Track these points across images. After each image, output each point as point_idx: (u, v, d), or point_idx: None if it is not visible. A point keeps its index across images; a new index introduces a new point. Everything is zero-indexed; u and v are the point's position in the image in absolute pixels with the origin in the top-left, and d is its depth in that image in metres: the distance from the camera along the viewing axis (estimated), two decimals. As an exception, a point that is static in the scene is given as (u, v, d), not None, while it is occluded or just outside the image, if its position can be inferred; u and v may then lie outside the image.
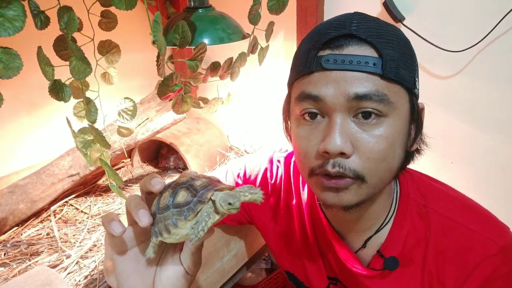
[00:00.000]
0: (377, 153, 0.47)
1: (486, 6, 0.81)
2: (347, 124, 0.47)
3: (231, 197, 0.41)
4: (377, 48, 0.46)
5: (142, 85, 1.39)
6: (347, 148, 0.46)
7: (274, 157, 0.74)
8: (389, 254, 0.57)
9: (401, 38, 0.50)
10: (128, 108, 0.73)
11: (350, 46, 0.47)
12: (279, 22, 0.86)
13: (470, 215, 0.56)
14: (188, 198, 0.42)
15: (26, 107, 1.11)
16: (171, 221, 0.41)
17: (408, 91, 0.49)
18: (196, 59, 0.73)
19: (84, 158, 0.70)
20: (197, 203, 0.42)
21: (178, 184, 0.44)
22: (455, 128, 0.92)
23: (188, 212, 0.41)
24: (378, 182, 0.49)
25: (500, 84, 0.84)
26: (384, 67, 0.46)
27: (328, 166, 0.48)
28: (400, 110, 0.48)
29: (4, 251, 0.90)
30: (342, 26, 0.48)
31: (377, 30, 0.48)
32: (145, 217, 0.41)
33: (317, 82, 0.48)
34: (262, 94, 1.31)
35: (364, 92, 0.45)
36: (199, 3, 0.81)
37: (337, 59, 0.46)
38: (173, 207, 0.42)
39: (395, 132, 0.48)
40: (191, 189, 0.43)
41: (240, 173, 0.74)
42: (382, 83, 0.46)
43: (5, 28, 0.46)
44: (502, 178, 0.90)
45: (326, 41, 0.48)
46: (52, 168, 1.04)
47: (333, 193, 0.49)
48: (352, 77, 0.46)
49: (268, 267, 1.41)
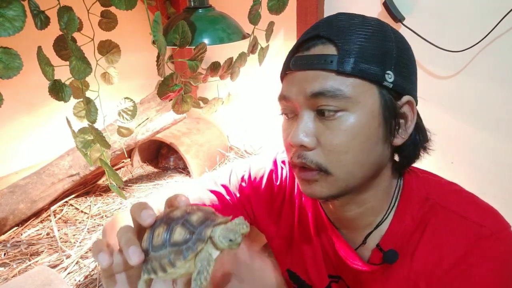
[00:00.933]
0: (336, 146, 0.49)
1: (486, 6, 0.81)
2: (311, 120, 0.51)
3: (231, 233, 0.39)
4: (337, 45, 0.49)
5: (142, 85, 1.39)
6: (306, 141, 0.50)
7: (278, 158, 0.74)
8: (388, 247, 0.57)
9: (375, 33, 0.50)
10: (128, 108, 0.73)
11: (316, 47, 0.50)
12: (279, 22, 0.86)
13: (471, 207, 0.55)
14: (186, 236, 0.39)
15: (26, 107, 1.11)
16: (168, 260, 0.39)
17: (376, 84, 0.50)
18: (196, 59, 0.73)
19: (84, 158, 0.70)
20: (197, 242, 0.39)
21: (173, 219, 0.41)
22: (455, 128, 0.92)
23: (188, 252, 0.39)
24: (346, 175, 0.51)
25: (500, 84, 0.84)
26: (340, 62, 0.48)
27: (294, 157, 0.52)
28: (364, 104, 0.49)
29: (4, 251, 0.90)
30: (315, 28, 0.52)
31: (344, 28, 0.50)
32: (135, 255, 0.38)
33: (287, 82, 0.53)
34: (262, 94, 1.31)
35: (317, 90, 0.49)
36: (199, 3, 0.81)
37: (302, 60, 0.50)
38: (170, 246, 0.39)
39: (356, 125, 0.49)
40: (187, 225, 0.40)
41: (245, 175, 0.74)
42: (338, 78, 0.48)
43: (5, 28, 0.46)
44: (502, 178, 0.90)
45: (299, 44, 0.52)
46: (52, 168, 1.04)
47: (306, 185, 0.53)
48: (313, 76, 0.49)
49: (268, 267, 1.41)
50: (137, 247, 0.39)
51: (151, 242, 0.40)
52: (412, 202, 0.57)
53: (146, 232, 0.42)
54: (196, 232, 0.39)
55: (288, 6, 0.74)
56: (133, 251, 0.38)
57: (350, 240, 0.62)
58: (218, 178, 0.76)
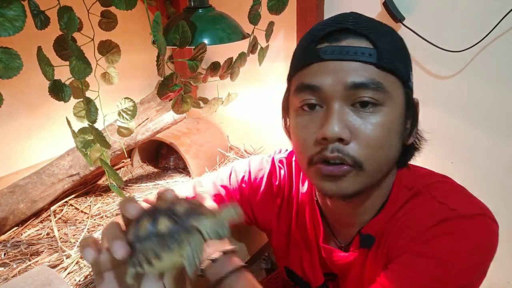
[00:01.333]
0: (374, 140, 0.49)
1: (486, 6, 0.81)
2: (345, 112, 0.49)
3: (219, 227, 0.39)
4: (372, 40, 0.49)
5: (142, 85, 1.39)
6: (345, 133, 0.47)
7: (276, 158, 0.74)
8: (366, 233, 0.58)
9: (395, 34, 0.53)
10: (128, 108, 0.73)
11: (347, 39, 0.49)
12: (279, 22, 0.86)
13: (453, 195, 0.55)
14: (170, 227, 0.39)
15: (26, 107, 1.11)
16: (153, 252, 0.38)
17: (403, 83, 0.51)
18: (196, 59, 0.73)
19: (84, 158, 0.70)
20: (182, 233, 0.38)
21: (157, 210, 0.40)
22: (455, 128, 0.92)
23: (172, 243, 0.38)
24: (375, 170, 0.51)
25: (500, 84, 0.84)
26: (379, 57, 0.48)
27: (327, 151, 0.49)
28: (396, 100, 0.50)
29: (4, 251, 0.90)
30: (339, 22, 0.51)
31: (372, 25, 0.51)
32: (120, 249, 0.38)
33: (315, 72, 0.50)
34: (262, 94, 1.31)
35: (361, 81, 0.47)
36: (199, 3, 0.81)
37: (335, 50, 0.49)
38: (154, 237, 0.38)
39: (391, 120, 0.50)
40: (172, 216, 0.39)
41: (245, 176, 0.74)
42: (378, 72, 0.48)
43: (5, 28, 0.46)
44: (502, 178, 0.90)
45: (324, 35, 0.50)
46: (52, 168, 1.04)
47: (332, 182, 0.50)
48: (349, 67, 0.48)
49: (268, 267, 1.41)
50: (121, 241, 0.38)
51: (136, 233, 0.39)
52: (400, 195, 0.58)
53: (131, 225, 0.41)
54: (181, 223, 0.39)
55: (288, 6, 0.74)
56: (118, 245, 0.38)
57: (343, 236, 0.62)
58: (218, 180, 0.76)
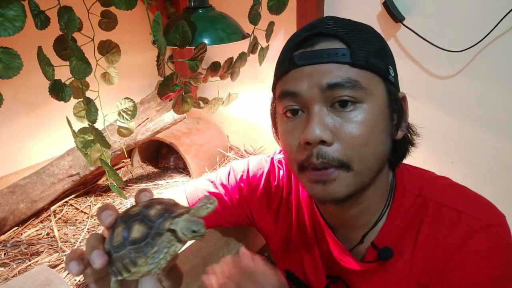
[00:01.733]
0: (357, 138, 0.48)
1: (486, 6, 0.81)
2: (325, 114, 0.49)
3: (194, 224, 0.38)
4: (344, 40, 0.49)
5: (142, 85, 1.39)
6: (326, 135, 0.48)
7: (275, 158, 0.74)
8: (383, 245, 0.57)
9: (371, 31, 0.53)
10: (128, 108, 0.73)
11: (320, 43, 0.50)
12: (279, 22, 0.86)
13: (466, 200, 0.55)
14: (144, 232, 0.38)
15: (26, 107, 1.11)
16: (130, 259, 0.38)
17: (382, 78, 0.51)
18: (196, 59, 0.73)
19: (84, 158, 0.70)
20: (155, 236, 0.38)
21: (130, 216, 0.40)
22: (455, 128, 0.92)
23: (147, 248, 0.37)
24: (364, 169, 0.50)
25: (500, 84, 0.84)
26: (353, 55, 0.48)
27: (313, 158, 0.49)
28: (376, 96, 0.50)
29: (4, 251, 0.90)
30: (313, 27, 0.52)
31: (346, 26, 0.51)
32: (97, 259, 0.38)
33: (293, 79, 0.51)
34: (262, 94, 1.31)
35: (336, 81, 0.48)
36: (199, 3, 0.81)
37: (309, 54, 0.50)
38: (129, 244, 0.38)
39: (373, 116, 0.49)
40: (145, 220, 0.39)
41: (243, 176, 0.74)
42: (353, 70, 0.49)
43: (5, 28, 0.46)
44: (502, 178, 0.90)
45: (298, 42, 0.51)
46: (52, 168, 1.04)
47: (322, 186, 0.50)
48: (324, 69, 0.49)
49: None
50: (99, 251, 0.38)
51: (111, 242, 0.39)
52: (405, 199, 0.57)
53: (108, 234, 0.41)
54: (154, 227, 0.38)
55: (288, 6, 0.74)
56: (96, 255, 0.38)
57: (347, 239, 0.62)
58: (217, 179, 0.76)
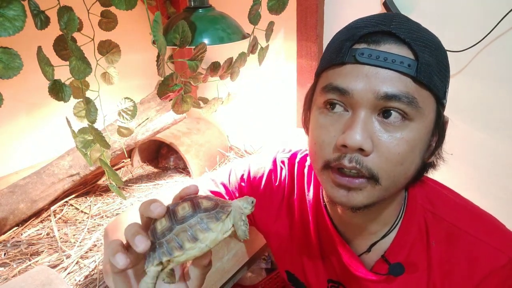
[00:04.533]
0: (396, 155, 0.46)
1: (486, 6, 0.81)
2: (371, 121, 0.46)
3: (248, 199, 0.44)
4: (414, 50, 0.45)
5: (142, 85, 1.39)
6: (366, 144, 0.45)
7: (278, 158, 0.73)
8: (394, 259, 0.56)
9: (439, 46, 0.49)
10: (128, 108, 0.73)
11: (387, 44, 0.45)
12: (279, 22, 0.86)
13: (478, 223, 0.55)
14: (212, 205, 0.42)
15: (26, 107, 1.11)
16: (201, 225, 0.40)
17: (437, 100, 0.48)
18: (196, 59, 0.73)
19: (84, 158, 0.70)
20: (225, 207, 0.42)
21: (192, 198, 0.44)
22: (455, 128, 0.92)
23: (220, 214, 0.41)
24: (391, 185, 0.48)
25: (500, 84, 0.84)
26: (419, 69, 0.44)
27: (344, 160, 0.46)
28: (427, 117, 0.47)
29: (4, 251, 0.90)
30: (381, 23, 0.47)
31: (417, 32, 0.46)
32: (141, 242, 0.38)
33: (347, 74, 0.46)
34: (262, 94, 1.31)
35: (394, 92, 0.44)
36: (199, 3, 0.81)
37: (372, 54, 0.45)
38: (201, 212, 0.41)
39: (417, 137, 0.47)
40: (210, 199, 0.43)
41: (244, 174, 0.73)
42: (413, 85, 0.45)
43: (5, 28, 0.46)
44: (502, 178, 0.90)
45: (363, 35, 0.46)
46: (52, 168, 1.04)
47: (344, 191, 0.48)
48: (384, 75, 0.45)
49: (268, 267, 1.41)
50: (143, 236, 0.39)
51: (174, 218, 0.42)
52: (417, 213, 0.57)
53: (152, 224, 0.43)
54: (220, 202, 0.43)
55: (288, 6, 0.74)
56: (139, 239, 0.39)
57: (353, 246, 0.61)
58: (218, 177, 0.75)
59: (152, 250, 0.40)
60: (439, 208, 0.56)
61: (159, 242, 0.40)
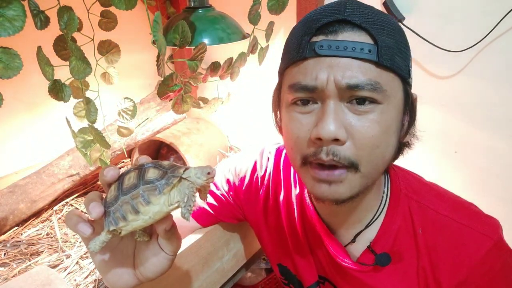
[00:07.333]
0: (370, 138, 0.46)
1: (486, 6, 0.81)
2: (341, 109, 0.46)
3: (206, 169, 0.41)
4: (372, 34, 0.45)
5: (142, 85, 1.39)
6: (340, 134, 0.45)
7: (266, 149, 0.73)
8: (380, 249, 0.57)
9: (395, 26, 0.49)
10: (128, 108, 0.73)
11: (344, 32, 0.45)
12: (279, 22, 0.86)
13: (461, 211, 0.55)
14: (160, 175, 0.41)
15: (26, 106, 1.11)
16: (142, 199, 0.40)
17: (402, 80, 0.48)
18: (196, 59, 0.73)
19: (84, 158, 0.70)
20: (172, 178, 0.40)
21: (143, 165, 0.43)
22: (455, 128, 0.92)
23: (163, 186, 0.40)
24: (371, 171, 0.48)
25: (500, 84, 0.84)
26: (380, 54, 0.44)
27: (322, 154, 0.46)
28: (394, 98, 0.47)
29: (4, 251, 0.90)
30: (336, 12, 0.46)
31: (372, 16, 0.46)
32: (95, 208, 0.39)
33: (311, 70, 0.46)
34: (262, 94, 1.31)
35: (356, 82, 0.44)
36: (199, 3, 0.81)
37: (332, 44, 0.45)
38: (144, 184, 0.40)
39: (389, 118, 0.47)
40: (159, 167, 0.42)
41: (231, 169, 0.74)
42: (376, 70, 0.45)
43: (5, 28, 0.46)
44: (502, 178, 0.90)
45: (319, 27, 0.46)
46: (52, 168, 1.04)
47: (326, 185, 0.48)
48: (346, 64, 0.45)
49: (268, 267, 1.41)
50: (96, 203, 0.41)
51: (120, 188, 0.42)
52: (402, 202, 0.57)
53: (111, 186, 0.43)
54: (169, 171, 0.41)
55: (288, 6, 0.74)
56: (93, 206, 0.40)
57: (339, 237, 0.61)
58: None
59: (107, 215, 0.42)
60: (423, 197, 0.57)
61: (107, 211, 0.41)
